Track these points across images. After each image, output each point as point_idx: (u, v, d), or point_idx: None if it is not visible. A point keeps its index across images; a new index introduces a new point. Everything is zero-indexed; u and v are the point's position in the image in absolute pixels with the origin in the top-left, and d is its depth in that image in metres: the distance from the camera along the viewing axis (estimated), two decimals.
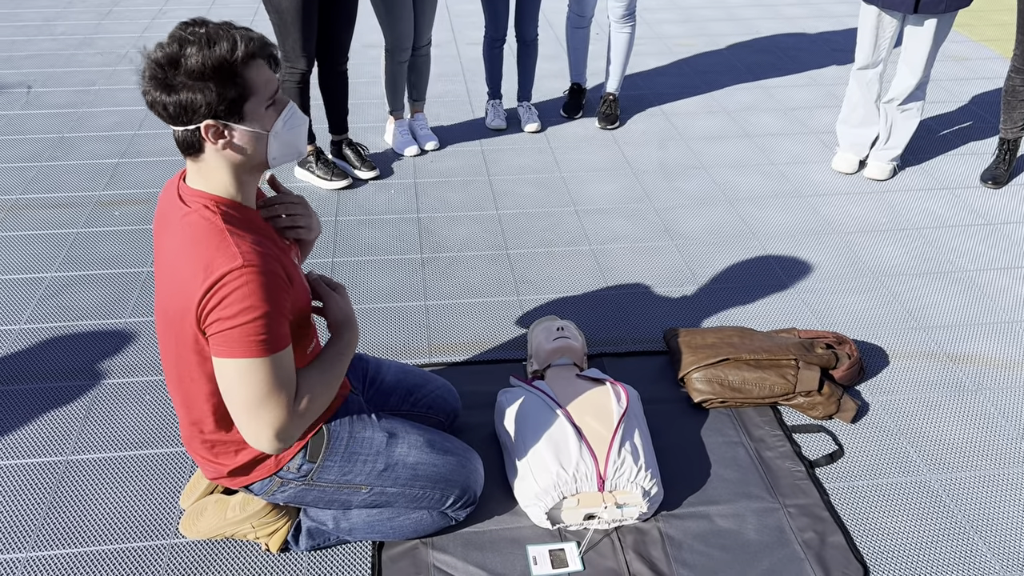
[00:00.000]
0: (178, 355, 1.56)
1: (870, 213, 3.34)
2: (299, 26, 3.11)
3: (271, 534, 1.88)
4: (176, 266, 1.47)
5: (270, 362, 1.46)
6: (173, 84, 1.40)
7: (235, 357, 1.44)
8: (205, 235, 1.46)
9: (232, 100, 1.43)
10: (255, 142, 1.49)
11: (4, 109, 4.18)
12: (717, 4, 6.10)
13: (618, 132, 4.04)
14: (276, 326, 1.46)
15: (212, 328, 1.44)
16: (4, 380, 2.39)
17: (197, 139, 1.46)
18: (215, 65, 1.39)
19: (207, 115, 1.42)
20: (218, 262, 1.42)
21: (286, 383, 1.50)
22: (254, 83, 1.45)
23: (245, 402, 1.47)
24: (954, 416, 2.34)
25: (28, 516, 1.98)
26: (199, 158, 1.49)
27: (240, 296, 1.41)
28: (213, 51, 1.39)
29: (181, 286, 1.46)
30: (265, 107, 1.48)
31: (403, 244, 3.10)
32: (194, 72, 1.38)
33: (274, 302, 1.45)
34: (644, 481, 1.93)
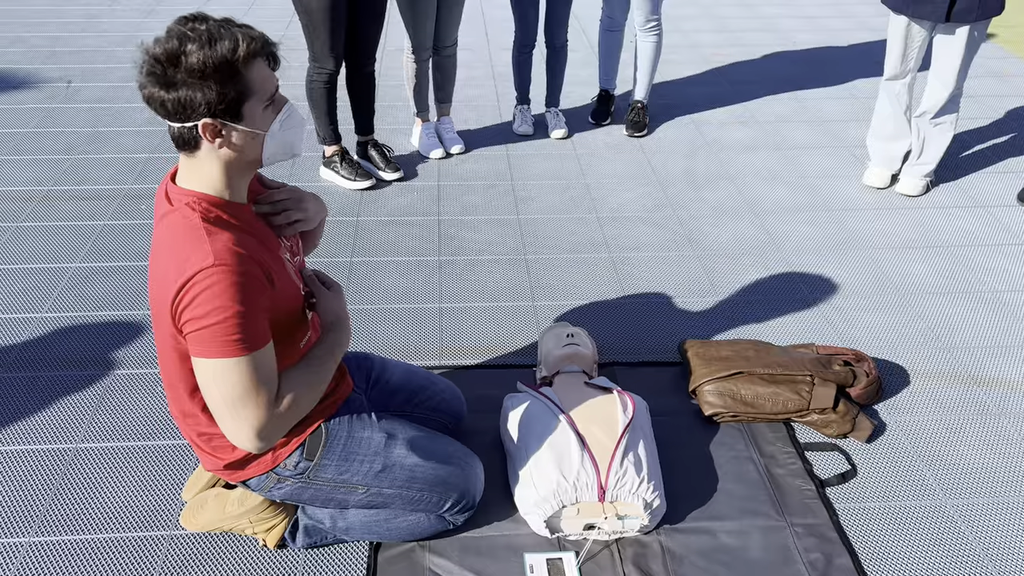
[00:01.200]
0: (162, 351, 1.57)
1: (900, 229, 3.26)
2: (327, 27, 3.12)
3: (269, 530, 1.88)
4: (157, 263, 1.48)
5: (245, 362, 1.45)
6: (173, 81, 1.39)
7: (209, 357, 1.44)
8: (183, 233, 1.45)
9: (232, 100, 1.42)
10: (251, 141, 1.49)
11: (44, 103, 4.26)
12: (754, 15, 6.03)
13: (645, 140, 4.01)
14: (250, 325, 1.45)
15: (186, 328, 1.45)
16: (22, 367, 2.43)
17: (194, 136, 1.45)
18: (216, 64, 1.38)
19: (206, 114, 1.42)
20: (192, 261, 1.42)
21: (264, 382, 1.49)
22: (254, 83, 1.45)
23: (222, 401, 1.47)
24: (975, 440, 2.26)
25: (34, 501, 2.00)
26: (194, 154, 1.49)
27: (211, 295, 1.41)
28: (215, 50, 1.38)
29: (161, 283, 1.46)
30: (263, 107, 1.48)
31: (422, 246, 3.09)
32: (195, 70, 1.38)
33: (248, 302, 1.44)
34: (646, 493, 1.89)
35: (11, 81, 4.53)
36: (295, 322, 1.66)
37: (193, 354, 1.47)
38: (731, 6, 6.23)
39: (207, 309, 1.41)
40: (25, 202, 3.32)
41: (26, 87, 4.45)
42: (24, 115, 4.11)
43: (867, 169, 3.62)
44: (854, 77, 4.82)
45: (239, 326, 1.43)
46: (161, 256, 1.47)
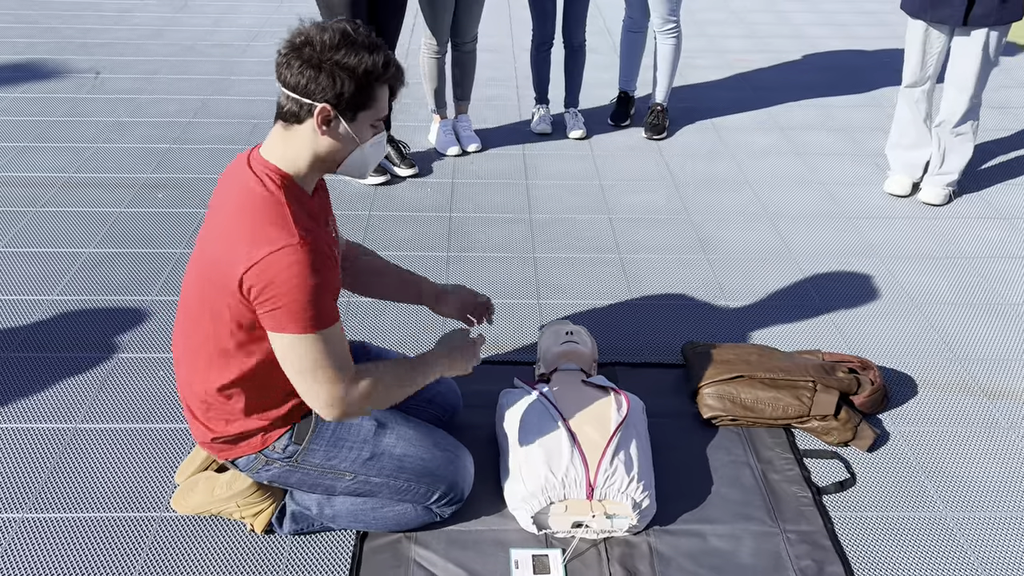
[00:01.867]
0: (211, 311, 1.58)
1: (919, 239, 3.20)
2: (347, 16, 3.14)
3: (256, 515, 1.88)
4: (230, 229, 1.52)
5: (314, 338, 1.52)
6: (319, 61, 1.47)
7: (285, 332, 1.51)
8: (264, 205, 1.52)
9: (356, 103, 1.53)
10: (346, 144, 1.58)
11: (72, 92, 4.34)
12: (784, 21, 5.97)
13: (664, 143, 3.98)
14: (324, 302, 1.52)
15: (263, 304, 1.50)
16: (30, 347, 2.47)
17: (304, 114, 1.52)
18: (365, 71, 1.49)
19: (329, 100, 1.50)
20: (273, 236, 1.47)
21: (337, 356, 1.56)
22: (378, 102, 1.56)
23: (298, 371, 1.55)
24: (982, 453, 2.21)
25: (31, 478, 2.03)
26: (290, 128, 1.55)
27: (289, 273, 1.47)
28: (370, 58, 1.50)
29: (231, 249, 1.50)
30: (371, 123, 1.59)
31: (432, 242, 3.10)
32: (345, 64, 1.48)
33: (321, 279, 1.50)
34: (635, 493, 1.87)
35: (42, 71, 4.62)
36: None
37: (268, 328, 1.54)
38: (761, 12, 6.18)
39: (286, 286, 1.47)
40: (46, 188, 3.38)
41: (56, 77, 4.54)
42: (52, 104, 4.19)
43: (888, 177, 3.56)
44: (881, 85, 4.75)
45: (315, 303, 1.50)
46: (236, 222, 1.52)
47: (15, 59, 4.78)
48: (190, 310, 1.64)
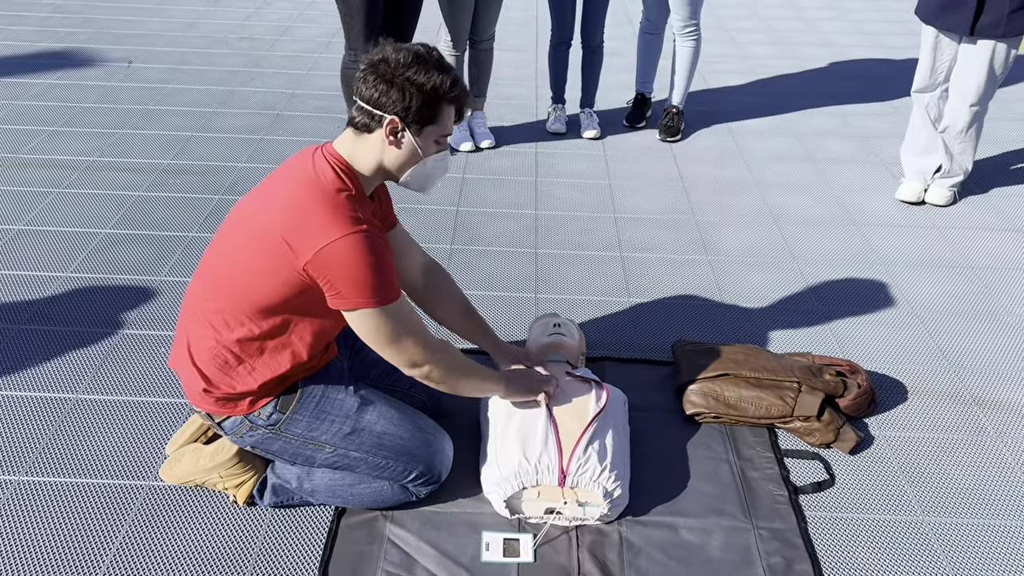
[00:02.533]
0: (260, 270, 1.66)
1: (925, 247, 3.18)
2: (363, 17, 3.21)
3: (238, 486, 1.95)
4: (294, 206, 1.63)
5: (384, 311, 1.67)
6: (392, 77, 1.61)
7: (356, 308, 1.66)
8: (336, 192, 1.64)
9: (422, 118, 1.65)
10: (410, 157, 1.71)
11: (103, 80, 4.47)
12: (813, 29, 5.94)
13: (678, 146, 3.99)
14: (385, 280, 1.66)
15: (327, 282, 1.63)
16: (40, 320, 2.56)
17: (375, 125, 1.65)
18: (432, 87, 1.62)
19: (397, 113, 1.63)
20: (338, 223, 1.60)
21: (410, 324, 1.72)
22: (443, 118, 1.69)
23: (379, 344, 1.72)
24: (966, 460, 2.20)
25: (30, 444, 2.11)
26: (361, 136, 1.69)
27: (353, 257, 1.60)
28: (439, 77, 1.63)
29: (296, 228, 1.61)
30: (436, 139, 1.71)
31: (436, 234, 3.15)
32: (415, 81, 1.61)
33: (381, 260, 1.64)
34: (607, 482, 1.90)
35: (78, 59, 4.76)
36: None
37: (341, 307, 1.68)
38: (790, 20, 6.16)
39: (351, 269, 1.61)
40: (70, 170, 3.49)
41: (90, 65, 4.68)
42: (84, 91, 4.32)
43: (900, 184, 3.54)
44: (904, 94, 4.71)
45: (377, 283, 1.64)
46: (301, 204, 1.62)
47: (55, 47, 4.93)
48: (233, 262, 1.70)
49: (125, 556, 1.83)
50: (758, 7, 6.46)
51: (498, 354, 2.17)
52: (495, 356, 2.17)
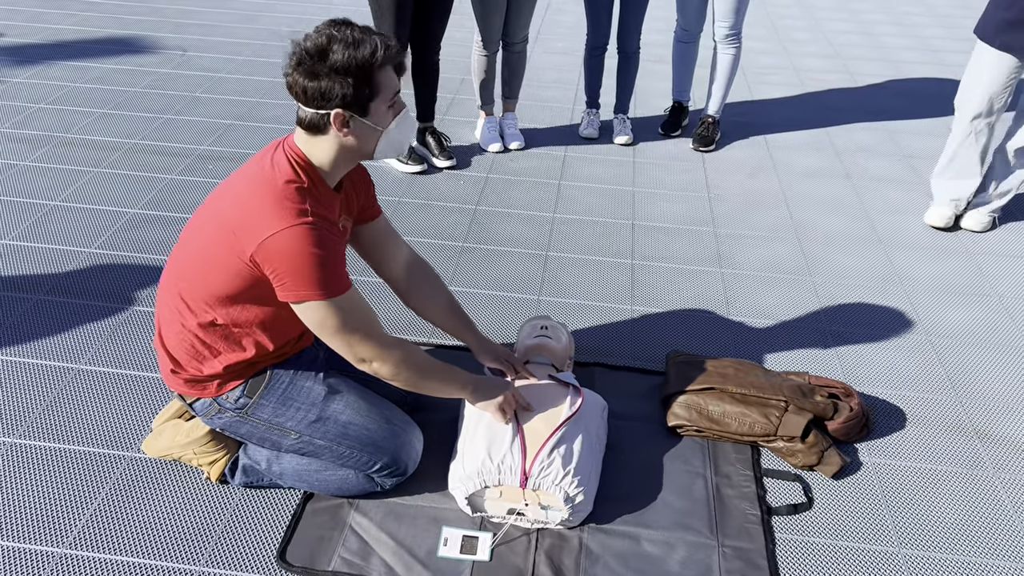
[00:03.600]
0: (216, 260, 1.69)
1: (951, 273, 3.07)
2: (393, 13, 3.26)
3: (211, 463, 2.00)
4: (249, 200, 1.65)
5: (333, 303, 1.67)
6: (317, 72, 1.59)
7: (301, 300, 1.66)
8: (289, 185, 1.65)
9: (362, 97, 1.63)
10: (370, 135, 1.70)
11: (157, 67, 4.64)
12: (875, 44, 5.78)
13: (710, 156, 3.94)
14: (333, 271, 1.65)
15: (272, 271, 1.64)
16: (57, 292, 2.68)
17: (325, 123, 1.65)
18: (358, 64, 1.59)
19: (340, 104, 1.62)
20: (288, 215, 1.61)
21: (359, 318, 1.71)
22: (383, 85, 1.65)
23: (327, 336, 1.71)
24: (956, 494, 2.12)
25: (29, 408, 2.21)
26: (316, 137, 1.68)
27: (299, 248, 1.61)
28: (357, 52, 1.59)
29: (250, 219, 1.63)
30: (386, 107, 1.69)
31: (451, 231, 3.17)
32: (338, 67, 1.58)
33: (329, 251, 1.64)
34: (569, 487, 1.89)
35: (137, 45, 4.95)
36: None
37: (287, 299, 1.68)
38: (852, 34, 6.00)
39: (298, 258, 1.61)
40: (111, 151, 3.64)
41: (147, 52, 4.86)
42: (138, 76, 4.49)
43: (929, 208, 3.41)
44: None
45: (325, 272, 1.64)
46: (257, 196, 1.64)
47: (119, 33, 5.14)
48: (194, 252, 1.74)
49: (98, 520, 1.91)
50: (819, 20, 6.31)
51: (481, 351, 2.18)
52: (478, 353, 2.18)
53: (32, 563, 1.80)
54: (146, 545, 1.86)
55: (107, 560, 1.82)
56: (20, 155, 3.56)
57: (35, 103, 4.07)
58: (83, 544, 1.85)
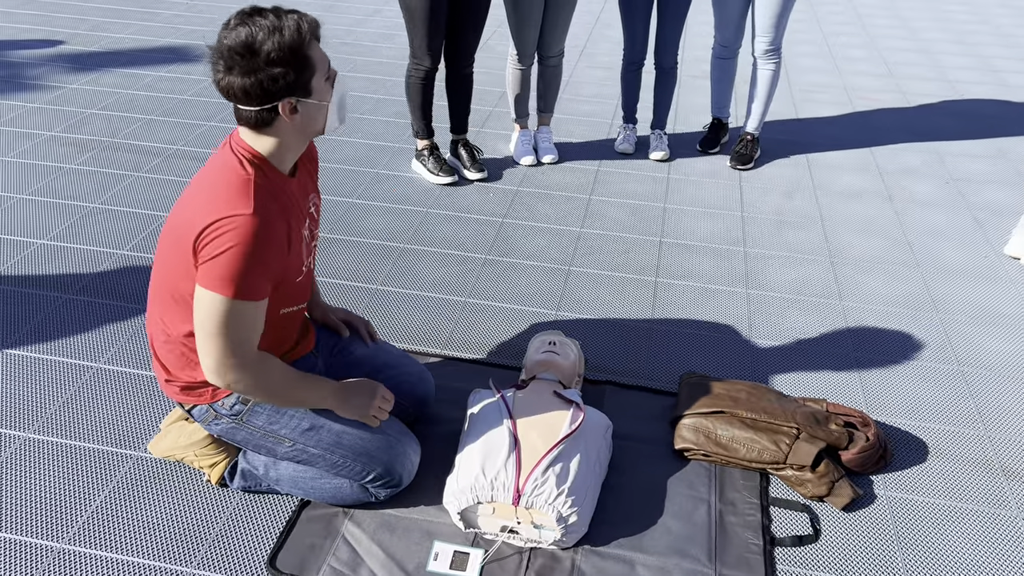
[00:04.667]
0: (173, 264, 1.71)
1: (993, 301, 2.94)
2: (426, 26, 3.28)
3: (212, 466, 2.02)
4: (199, 194, 1.66)
5: (231, 304, 1.62)
6: (253, 69, 1.56)
7: (206, 288, 1.62)
8: (231, 180, 1.64)
9: (303, 80, 1.62)
10: (319, 113, 1.69)
11: (206, 76, 4.76)
12: (933, 63, 5.61)
13: (747, 174, 3.86)
14: (253, 276, 1.61)
15: (201, 256, 1.62)
16: (87, 292, 2.75)
17: (273, 116, 1.64)
18: (291, 49, 1.57)
19: (285, 94, 1.61)
20: (231, 204, 1.60)
21: (243, 330, 1.66)
22: (316, 60, 1.63)
23: (202, 327, 1.66)
24: (975, 533, 2.02)
25: (45, 404, 2.27)
26: (262, 131, 1.67)
27: (232, 237, 1.58)
28: (284, 37, 1.56)
29: (195, 212, 1.63)
30: (325, 79, 1.67)
31: (475, 243, 3.17)
32: (272, 57, 1.56)
33: (259, 255, 1.61)
34: (562, 506, 1.86)
35: (190, 54, 5.08)
36: (292, 288, 1.82)
37: (197, 281, 1.65)
38: (907, 51, 5.84)
39: (224, 247, 1.59)
40: (152, 156, 3.74)
41: (198, 61, 4.98)
42: (187, 84, 4.61)
43: (1012, 237, 3.26)
44: (1016, 133, 4.37)
45: (242, 272, 1.61)
46: (205, 191, 1.65)
47: (174, 42, 5.29)
48: (166, 259, 1.76)
49: (99, 516, 1.94)
50: (875, 37, 6.16)
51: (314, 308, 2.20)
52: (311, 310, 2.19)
53: (30, 557, 1.84)
54: (142, 544, 1.88)
55: (103, 557, 1.85)
56: (67, 158, 3.68)
57: (87, 108, 4.21)
58: (82, 541, 1.88)
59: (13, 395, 2.30)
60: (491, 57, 5.33)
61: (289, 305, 1.86)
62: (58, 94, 4.37)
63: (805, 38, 6.09)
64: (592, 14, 6.48)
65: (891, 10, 7.02)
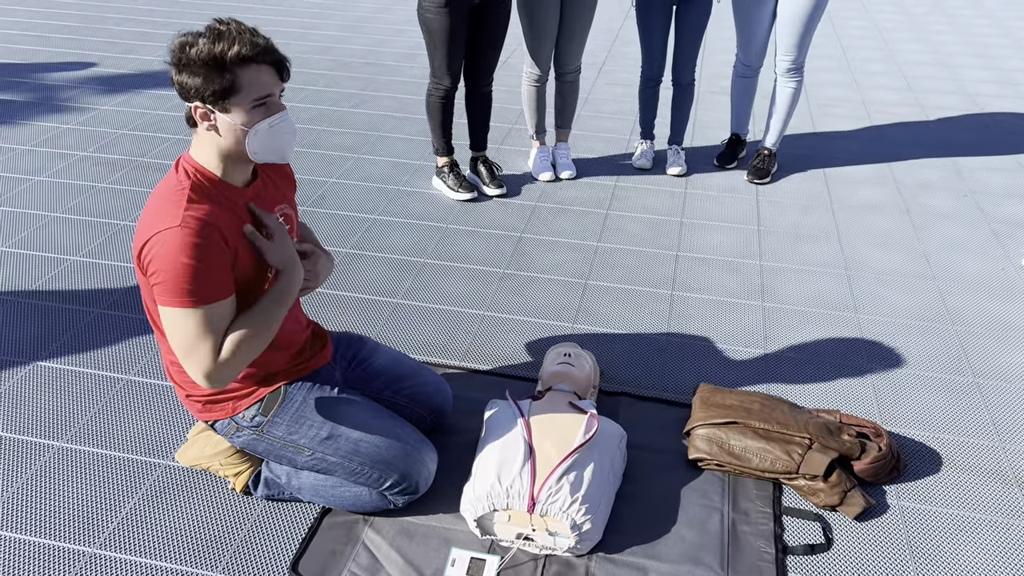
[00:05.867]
0: (144, 290, 1.79)
1: (1011, 314, 2.95)
2: (446, 47, 3.36)
3: (236, 475, 2.09)
4: (143, 213, 1.72)
5: (192, 313, 1.65)
6: (180, 65, 1.64)
7: (166, 305, 1.66)
8: (169, 194, 1.69)
9: (217, 91, 1.63)
10: (235, 133, 1.68)
11: None
12: (953, 76, 5.61)
13: (764, 188, 3.89)
14: (203, 280, 1.65)
15: (151, 278, 1.67)
16: (116, 307, 2.84)
17: (190, 116, 1.71)
18: (209, 58, 1.60)
19: (196, 98, 1.65)
20: (162, 218, 1.64)
21: (214, 334, 1.69)
22: (243, 82, 1.64)
23: (178, 346, 1.69)
24: (988, 544, 2.03)
25: (78, 415, 2.35)
26: (195, 131, 1.74)
27: (166, 251, 1.62)
28: (213, 46, 1.60)
29: (138, 231, 1.70)
30: (252, 106, 1.66)
31: (493, 258, 3.23)
32: (193, 59, 1.61)
33: (200, 260, 1.63)
34: (576, 514, 1.90)
35: None
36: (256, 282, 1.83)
37: (157, 301, 1.69)
38: (927, 65, 5.85)
39: (167, 263, 1.62)
40: None
41: None
42: None
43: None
44: None
45: (192, 280, 1.64)
46: (146, 209, 1.72)
47: None
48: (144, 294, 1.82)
49: (128, 524, 2.01)
50: (894, 51, 6.17)
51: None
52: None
53: (63, 561, 1.91)
54: (170, 550, 1.95)
55: (132, 562, 1.91)
56: (99, 177, 3.80)
57: (118, 129, 4.34)
58: (112, 546, 1.95)
59: (47, 406, 2.38)
60: (510, 75, 5.41)
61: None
62: (90, 115, 4.50)
63: (824, 52, 6.12)
64: (611, 31, 6.55)
65: (911, 23, 7.03)
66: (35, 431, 2.29)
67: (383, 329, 2.79)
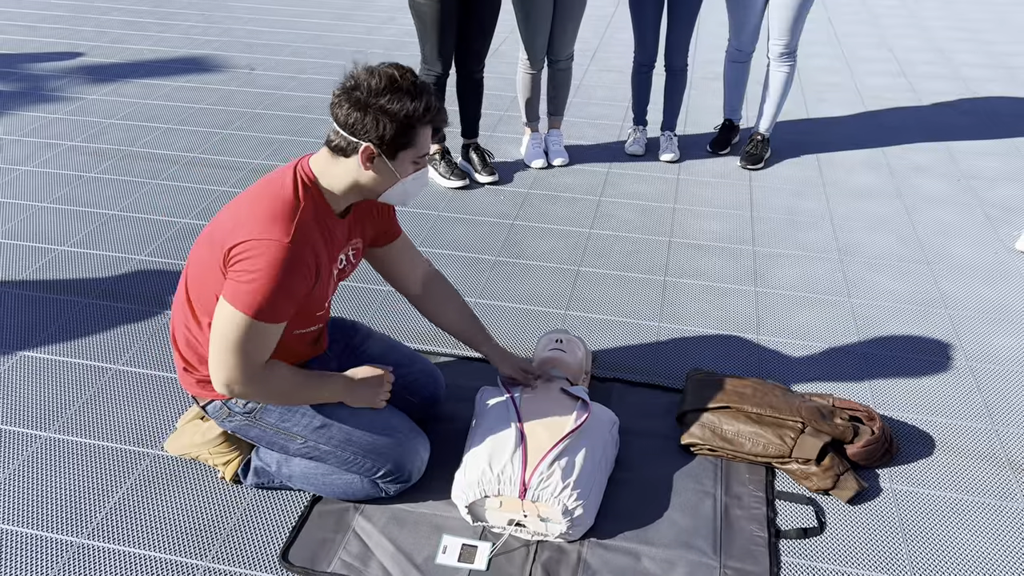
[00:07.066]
0: (207, 265, 1.78)
1: (1003, 296, 2.94)
2: (437, 33, 3.33)
3: (225, 463, 2.07)
4: (246, 205, 1.73)
5: (251, 323, 1.68)
6: (365, 104, 1.67)
7: (232, 304, 1.68)
8: (285, 201, 1.72)
9: (397, 144, 1.71)
10: (386, 179, 1.77)
11: (223, 85, 4.84)
12: (945, 61, 5.60)
13: (757, 174, 3.88)
14: (276, 300, 1.68)
15: (230, 268, 1.70)
16: (106, 297, 2.82)
17: (352, 150, 1.72)
18: (405, 115, 1.68)
19: (372, 140, 1.69)
20: (274, 227, 1.67)
21: (257, 349, 1.72)
22: (418, 142, 1.74)
23: (218, 340, 1.72)
24: (979, 525, 2.03)
25: (66, 405, 2.34)
26: (337, 159, 1.75)
27: (262, 260, 1.65)
28: (410, 104, 1.67)
29: (236, 222, 1.71)
30: (412, 161, 1.77)
31: (485, 245, 3.21)
32: (388, 109, 1.66)
33: (286, 282, 1.67)
34: (568, 499, 1.89)
35: (208, 64, 5.18)
36: (311, 316, 1.89)
37: (223, 291, 1.71)
38: (920, 50, 5.83)
39: (253, 269, 1.66)
40: (170, 164, 3.81)
41: (216, 70, 5.07)
42: (204, 93, 4.69)
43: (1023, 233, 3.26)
44: None
45: (268, 296, 1.67)
46: (251, 203, 1.72)
47: (191, 53, 5.38)
48: (201, 258, 1.82)
49: (117, 513, 2.00)
50: (887, 37, 6.15)
51: (501, 361, 2.19)
52: (497, 363, 2.19)
53: (52, 551, 1.90)
54: (158, 539, 1.94)
55: (121, 551, 1.90)
56: (87, 167, 3.77)
57: (107, 118, 4.30)
58: (101, 535, 1.94)
59: (35, 396, 2.37)
60: (502, 62, 5.38)
61: (304, 327, 1.91)
62: (79, 105, 4.47)
63: (818, 38, 6.09)
64: (603, 18, 6.52)
65: (905, 8, 7.01)
66: (22, 421, 2.27)
67: (375, 317, 2.77)
